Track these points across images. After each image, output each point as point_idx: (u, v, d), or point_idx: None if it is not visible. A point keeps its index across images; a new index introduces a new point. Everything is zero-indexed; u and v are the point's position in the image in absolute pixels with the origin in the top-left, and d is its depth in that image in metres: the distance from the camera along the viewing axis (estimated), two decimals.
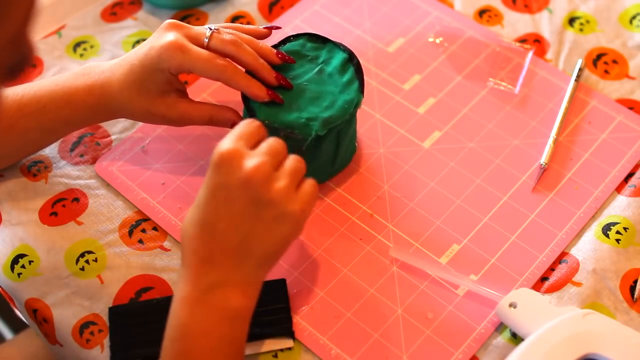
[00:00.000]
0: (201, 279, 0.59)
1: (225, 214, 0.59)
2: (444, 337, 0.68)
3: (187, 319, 0.59)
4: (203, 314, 0.59)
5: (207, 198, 0.60)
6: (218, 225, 0.59)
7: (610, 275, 0.71)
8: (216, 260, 0.59)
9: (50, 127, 0.74)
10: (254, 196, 0.59)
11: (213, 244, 0.60)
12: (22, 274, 0.73)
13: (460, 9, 0.91)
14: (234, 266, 0.60)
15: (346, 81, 0.72)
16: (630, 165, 0.78)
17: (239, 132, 0.62)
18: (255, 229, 0.60)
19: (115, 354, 0.67)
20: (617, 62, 0.86)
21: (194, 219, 0.60)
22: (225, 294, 0.59)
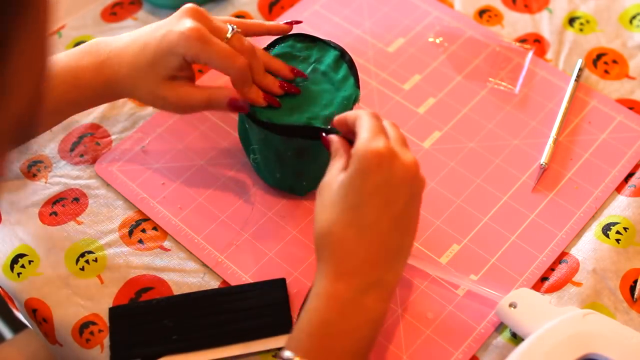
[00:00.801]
0: (358, 279, 0.58)
1: (388, 214, 0.59)
2: (444, 337, 0.68)
3: (334, 318, 0.58)
4: (353, 315, 0.58)
5: (367, 199, 0.59)
6: (381, 226, 0.59)
7: (610, 275, 0.71)
8: (376, 261, 0.59)
9: (55, 109, 0.73)
10: (412, 191, 0.60)
11: (374, 246, 0.59)
12: (21, 273, 0.73)
13: (460, 9, 0.91)
14: (390, 266, 0.60)
15: (341, 78, 0.72)
16: (630, 165, 0.78)
17: (373, 126, 0.61)
18: (410, 224, 0.61)
19: (115, 354, 0.67)
20: (617, 62, 0.86)
21: (349, 221, 0.59)
22: (378, 296, 0.59)
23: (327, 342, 0.58)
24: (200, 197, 0.76)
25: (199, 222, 0.75)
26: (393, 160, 0.59)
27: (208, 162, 0.79)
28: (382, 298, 0.59)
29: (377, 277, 0.59)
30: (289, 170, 0.73)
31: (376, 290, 0.59)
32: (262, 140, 0.71)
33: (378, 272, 0.59)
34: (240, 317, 0.68)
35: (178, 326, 0.68)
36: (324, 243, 0.60)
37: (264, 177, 0.76)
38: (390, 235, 0.60)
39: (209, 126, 0.81)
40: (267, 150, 0.72)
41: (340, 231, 0.59)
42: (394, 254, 0.60)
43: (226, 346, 0.67)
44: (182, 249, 0.73)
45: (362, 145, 0.59)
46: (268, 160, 0.73)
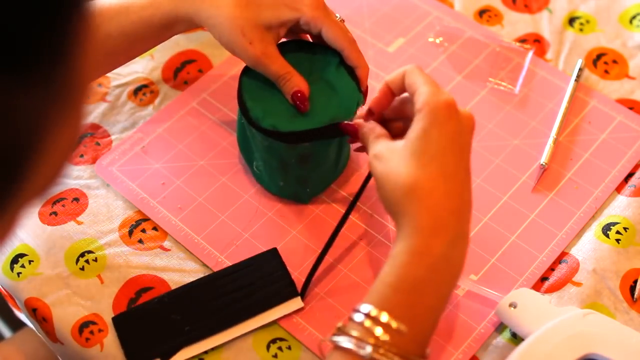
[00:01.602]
0: (448, 233, 0.58)
1: (463, 163, 0.60)
2: (444, 337, 0.68)
3: (426, 275, 0.57)
4: (444, 272, 0.58)
5: (447, 147, 0.59)
6: (460, 176, 0.59)
7: (610, 275, 0.71)
8: (460, 212, 0.59)
9: (132, 31, 0.72)
10: (470, 141, 0.61)
11: (457, 197, 0.59)
12: (21, 273, 0.73)
13: (460, 9, 0.91)
14: (469, 217, 0.60)
15: (343, 83, 0.71)
16: (630, 165, 0.78)
17: (429, 79, 0.61)
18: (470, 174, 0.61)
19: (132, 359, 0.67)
20: (617, 62, 0.86)
21: (435, 172, 0.58)
22: (463, 249, 0.59)
23: (414, 299, 0.57)
24: (200, 197, 0.76)
25: (199, 222, 0.75)
26: (458, 111, 0.60)
27: (208, 162, 0.79)
28: (465, 251, 0.59)
29: (462, 229, 0.59)
30: (293, 177, 0.73)
31: (461, 244, 0.59)
32: (265, 148, 0.71)
33: (463, 224, 0.59)
34: (244, 294, 0.69)
35: (186, 317, 0.68)
36: (410, 198, 0.58)
37: (267, 186, 0.76)
38: (466, 185, 0.60)
39: (209, 126, 0.81)
40: (271, 158, 0.72)
41: (428, 183, 0.58)
42: (469, 203, 0.60)
43: (239, 324, 0.68)
44: (182, 249, 0.73)
45: (431, 98, 0.59)
46: (271, 168, 0.73)
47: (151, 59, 0.87)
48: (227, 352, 0.68)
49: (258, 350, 0.68)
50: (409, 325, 0.56)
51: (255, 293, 0.69)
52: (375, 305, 0.56)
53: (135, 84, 0.85)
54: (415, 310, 0.57)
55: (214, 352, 0.68)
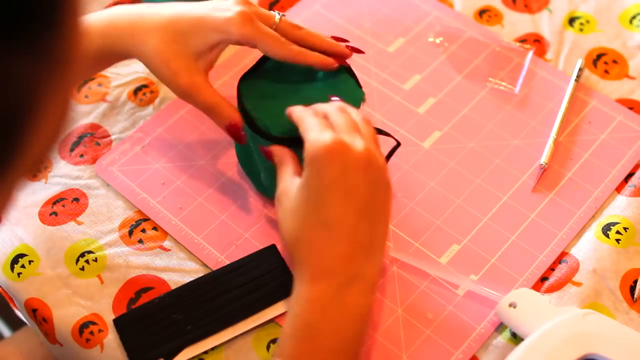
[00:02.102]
0: (335, 278, 0.58)
1: (352, 206, 0.58)
2: (444, 337, 0.68)
3: (317, 319, 0.58)
4: (336, 314, 0.58)
5: (326, 195, 0.58)
6: (348, 220, 0.58)
7: (610, 275, 0.71)
8: (349, 256, 0.58)
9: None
10: (372, 178, 0.59)
11: (345, 242, 0.58)
12: (21, 273, 0.73)
13: (460, 9, 0.91)
14: (366, 259, 0.59)
15: (341, 82, 0.71)
16: (630, 165, 0.78)
17: (315, 124, 0.60)
18: (378, 212, 0.60)
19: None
20: (617, 62, 0.86)
21: (314, 222, 0.59)
22: (359, 291, 0.58)
23: (312, 344, 0.58)
24: (200, 197, 0.76)
25: (199, 222, 0.75)
26: (344, 152, 0.59)
27: (208, 162, 0.79)
28: (364, 292, 0.59)
29: (354, 272, 0.59)
30: None
31: (356, 286, 0.58)
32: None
33: (354, 267, 0.59)
34: (245, 291, 0.69)
35: (188, 316, 0.68)
36: (295, 250, 0.60)
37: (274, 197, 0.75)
38: (358, 227, 0.59)
39: (209, 126, 0.81)
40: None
41: (308, 234, 0.59)
42: (367, 246, 0.59)
43: (241, 322, 0.68)
44: (182, 249, 0.74)
45: (310, 145, 0.59)
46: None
47: None
48: (227, 352, 0.68)
49: (258, 350, 0.68)
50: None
51: (256, 290, 0.69)
52: (277, 356, 0.58)
53: (135, 84, 0.85)
54: (318, 355, 0.57)
55: (214, 351, 0.68)
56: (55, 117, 0.38)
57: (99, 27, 0.69)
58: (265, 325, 0.69)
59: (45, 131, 0.37)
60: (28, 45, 0.33)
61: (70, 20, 0.35)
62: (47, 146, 0.38)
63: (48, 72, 0.35)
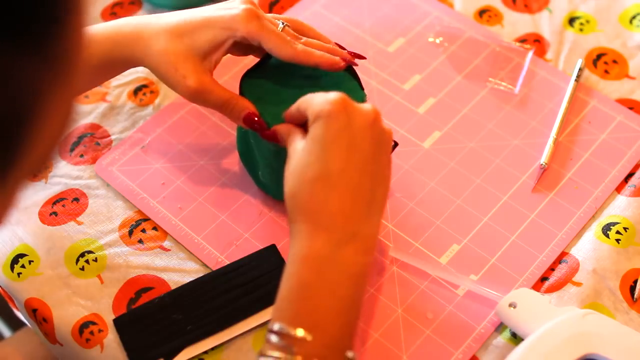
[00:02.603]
0: (332, 234, 0.56)
1: (355, 160, 0.57)
2: (444, 337, 0.68)
3: (312, 279, 0.56)
4: (332, 273, 0.56)
5: (329, 145, 0.57)
6: (349, 174, 0.57)
7: (610, 275, 0.71)
8: (349, 212, 0.57)
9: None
10: (377, 139, 0.58)
11: (345, 196, 0.57)
12: (22, 273, 0.73)
13: (460, 9, 0.91)
14: (365, 218, 0.58)
15: (343, 83, 0.71)
16: (630, 165, 0.78)
17: (321, 96, 0.60)
18: (380, 172, 0.59)
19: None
20: (617, 62, 0.86)
21: (316, 173, 0.57)
22: (356, 249, 0.57)
23: (310, 304, 0.56)
24: (200, 197, 0.76)
25: (199, 222, 0.75)
26: (350, 107, 0.58)
27: (208, 162, 0.79)
28: (361, 251, 0.58)
29: (353, 230, 0.57)
30: None
31: (353, 244, 0.57)
32: (274, 153, 0.69)
33: (353, 224, 0.57)
34: (245, 291, 0.69)
35: (188, 316, 0.68)
36: (295, 203, 0.58)
37: (274, 194, 0.75)
38: (360, 182, 0.58)
39: (209, 126, 0.81)
40: (279, 164, 0.71)
41: (308, 187, 0.57)
42: (366, 203, 0.58)
43: (242, 321, 0.68)
44: (182, 249, 0.74)
45: (317, 101, 0.59)
46: (279, 175, 0.72)
47: None
48: (227, 352, 0.68)
49: (258, 350, 0.68)
50: (313, 331, 0.55)
51: (256, 290, 0.69)
52: (275, 319, 0.57)
53: (135, 84, 0.85)
54: (315, 316, 0.56)
55: (214, 351, 0.68)
56: (59, 119, 0.37)
57: (104, 35, 0.69)
58: (265, 325, 0.69)
59: (48, 133, 0.37)
60: (32, 45, 0.33)
61: (74, 22, 0.35)
62: (50, 148, 0.38)
63: (52, 73, 0.35)
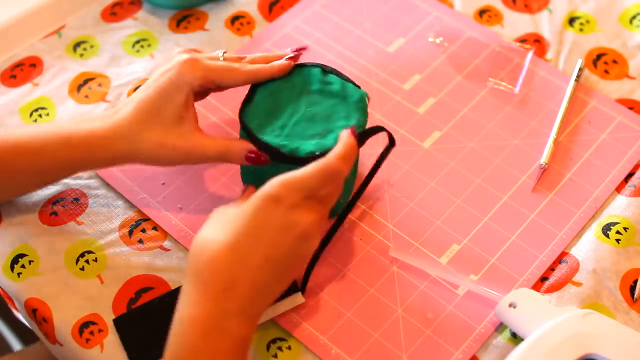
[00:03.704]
0: (221, 305, 0.58)
1: (267, 254, 0.59)
2: (444, 337, 0.68)
3: (199, 342, 0.57)
4: (217, 340, 0.58)
5: (251, 230, 0.59)
6: (254, 260, 0.59)
7: (610, 275, 0.71)
8: (240, 290, 0.58)
9: (45, 170, 0.70)
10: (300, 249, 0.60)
11: (243, 276, 0.59)
12: (21, 273, 0.73)
13: (460, 9, 0.92)
14: (255, 300, 0.60)
15: (339, 87, 0.70)
16: (630, 165, 0.78)
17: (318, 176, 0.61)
18: (286, 273, 0.61)
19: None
20: (617, 62, 0.86)
21: (227, 242, 0.59)
22: (240, 323, 0.59)
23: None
24: (200, 197, 0.76)
25: (199, 222, 0.75)
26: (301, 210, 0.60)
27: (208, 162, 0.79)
28: (245, 324, 0.59)
29: (240, 307, 0.59)
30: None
31: (239, 319, 0.59)
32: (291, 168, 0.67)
33: (241, 301, 0.59)
34: None
35: None
36: (196, 258, 0.59)
37: None
38: (261, 273, 0.59)
39: (209, 126, 0.81)
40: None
41: (215, 250, 0.59)
42: (260, 290, 0.60)
43: None
44: (182, 249, 0.73)
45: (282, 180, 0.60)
46: None
47: (151, 59, 0.87)
48: None
49: (258, 350, 0.68)
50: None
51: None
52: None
53: (135, 84, 0.85)
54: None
55: None
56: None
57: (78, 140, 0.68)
58: (265, 325, 0.69)
59: None
60: None
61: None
62: None
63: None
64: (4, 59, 0.88)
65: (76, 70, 0.87)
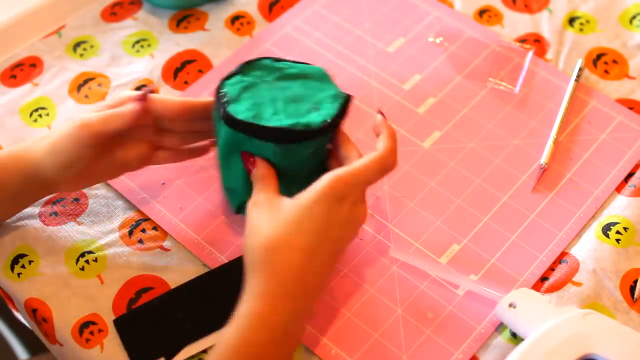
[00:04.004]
0: (293, 304, 0.59)
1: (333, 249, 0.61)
2: (444, 337, 0.68)
3: (264, 339, 0.58)
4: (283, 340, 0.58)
5: (320, 230, 0.60)
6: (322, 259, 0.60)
7: (610, 275, 0.71)
8: (310, 287, 0.60)
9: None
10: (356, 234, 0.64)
11: (312, 276, 0.60)
12: (21, 273, 0.73)
13: (460, 9, 0.92)
14: (316, 296, 0.61)
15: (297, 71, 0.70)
16: (630, 165, 0.78)
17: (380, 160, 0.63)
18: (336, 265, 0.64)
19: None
20: (617, 62, 0.86)
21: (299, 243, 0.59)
22: (303, 323, 0.61)
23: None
24: (200, 197, 0.76)
25: (199, 222, 0.75)
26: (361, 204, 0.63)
27: (208, 161, 0.79)
28: (303, 326, 0.61)
29: (307, 304, 0.60)
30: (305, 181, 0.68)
31: (303, 317, 0.60)
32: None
33: (309, 299, 0.60)
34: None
35: (188, 315, 0.68)
36: (265, 259, 0.59)
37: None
38: (326, 270, 0.61)
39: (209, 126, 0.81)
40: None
41: (289, 251, 0.59)
42: (320, 283, 0.61)
43: None
44: (182, 249, 0.74)
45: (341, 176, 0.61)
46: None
47: (151, 59, 0.87)
48: None
49: None
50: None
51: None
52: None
53: (135, 84, 0.85)
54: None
55: None
56: None
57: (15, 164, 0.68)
58: None
59: None
60: None
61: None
62: None
63: None
64: (4, 59, 0.88)
65: (76, 70, 0.87)
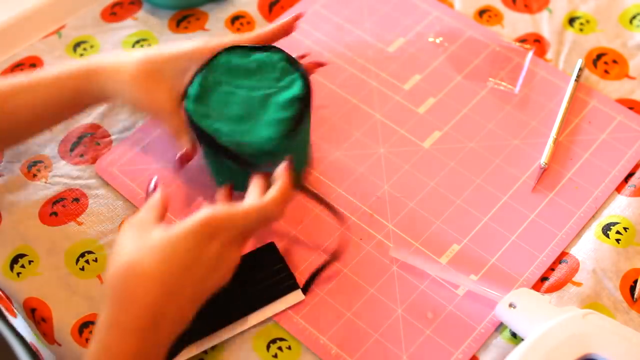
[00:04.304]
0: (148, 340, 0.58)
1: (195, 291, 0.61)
2: (444, 337, 0.68)
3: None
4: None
5: (185, 265, 0.59)
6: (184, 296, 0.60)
7: (610, 275, 0.71)
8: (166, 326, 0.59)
9: (39, 108, 0.72)
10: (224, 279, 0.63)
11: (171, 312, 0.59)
12: (21, 273, 0.73)
13: (460, 9, 0.92)
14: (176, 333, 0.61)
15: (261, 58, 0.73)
16: (630, 165, 0.78)
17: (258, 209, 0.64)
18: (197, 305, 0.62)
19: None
20: (617, 62, 0.86)
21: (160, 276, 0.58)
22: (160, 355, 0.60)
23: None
24: (200, 197, 0.76)
25: None
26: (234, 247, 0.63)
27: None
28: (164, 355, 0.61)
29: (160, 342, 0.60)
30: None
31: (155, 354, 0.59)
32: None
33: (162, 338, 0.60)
34: (245, 289, 0.69)
35: None
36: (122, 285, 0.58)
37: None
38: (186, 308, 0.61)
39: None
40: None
41: (145, 281, 0.58)
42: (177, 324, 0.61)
43: (242, 319, 0.68)
44: None
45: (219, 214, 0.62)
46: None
47: None
48: (226, 352, 0.68)
49: (258, 350, 0.68)
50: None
51: (256, 287, 0.69)
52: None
53: None
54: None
55: (214, 351, 0.68)
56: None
57: (72, 71, 0.72)
58: (265, 325, 0.69)
59: None
60: None
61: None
62: None
63: None
64: (4, 59, 0.88)
65: None
